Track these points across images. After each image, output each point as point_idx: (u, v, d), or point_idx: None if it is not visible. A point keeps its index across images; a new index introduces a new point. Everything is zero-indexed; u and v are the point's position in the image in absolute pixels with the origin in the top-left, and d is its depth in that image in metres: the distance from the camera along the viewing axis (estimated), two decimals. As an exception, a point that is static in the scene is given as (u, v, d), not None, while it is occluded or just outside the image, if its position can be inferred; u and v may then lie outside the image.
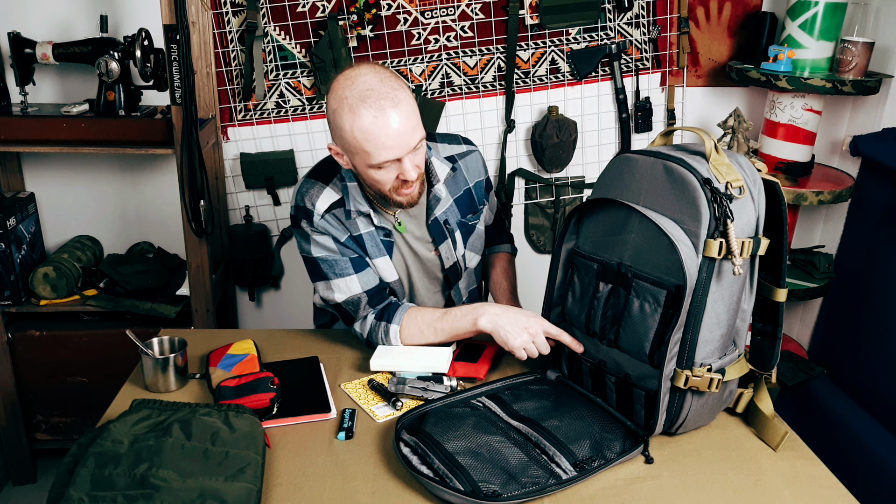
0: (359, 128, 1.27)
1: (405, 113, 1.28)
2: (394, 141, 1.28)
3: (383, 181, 1.35)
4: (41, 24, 2.12)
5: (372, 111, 1.26)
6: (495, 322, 1.36)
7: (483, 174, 1.62)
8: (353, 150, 1.32)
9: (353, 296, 1.45)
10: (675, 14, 2.22)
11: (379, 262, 1.48)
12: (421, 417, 1.20)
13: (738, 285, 1.12)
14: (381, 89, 1.27)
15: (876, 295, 2.00)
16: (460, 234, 1.56)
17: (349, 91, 1.28)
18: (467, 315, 1.40)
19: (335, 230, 1.44)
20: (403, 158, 1.31)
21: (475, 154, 1.60)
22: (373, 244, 1.47)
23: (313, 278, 1.49)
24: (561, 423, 1.18)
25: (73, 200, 2.31)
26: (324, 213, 1.43)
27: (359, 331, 1.47)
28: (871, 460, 1.86)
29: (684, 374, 1.11)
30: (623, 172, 1.20)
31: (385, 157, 1.29)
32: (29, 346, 2.12)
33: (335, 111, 1.30)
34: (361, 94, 1.26)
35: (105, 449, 1.05)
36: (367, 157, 1.30)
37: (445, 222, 1.52)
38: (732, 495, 1.08)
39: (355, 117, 1.27)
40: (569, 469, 1.09)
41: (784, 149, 2.14)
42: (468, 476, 1.05)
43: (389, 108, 1.26)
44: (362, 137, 1.28)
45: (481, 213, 1.62)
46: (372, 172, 1.33)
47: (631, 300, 1.15)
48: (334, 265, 1.44)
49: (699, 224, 1.07)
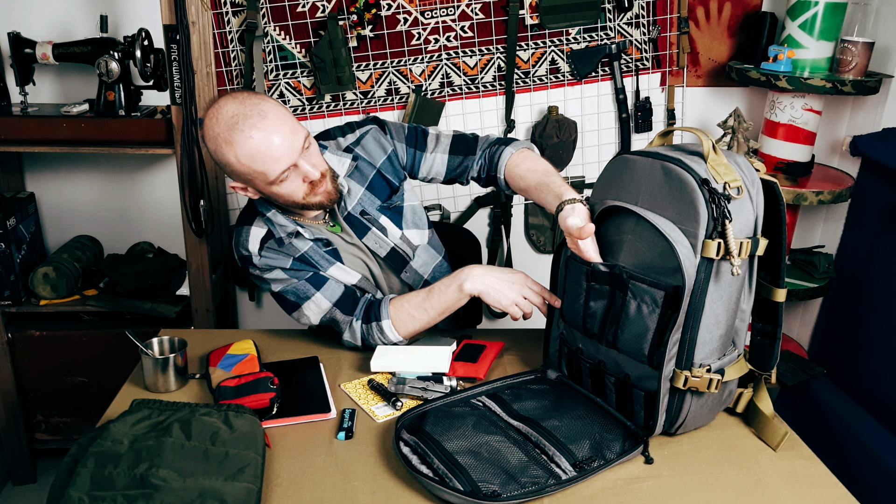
0: (243, 154, 1.28)
1: (277, 121, 1.29)
2: (278, 151, 1.28)
3: (293, 192, 1.35)
4: (41, 24, 2.12)
5: (244, 134, 1.27)
6: (482, 283, 1.35)
7: (386, 149, 1.53)
8: (249, 177, 1.32)
9: (326, 312, 1.44)
10: (675, 14, 2.22)
11: (333, 271, 1.47)
12: (421, 417, 1.20)
13: (737, 286, 1.12)
14: (244, 110, 1.28)
15: (876, 295, 2.00)
16: (387, 218, 1.52)
17: (217, 127, 1.29)
18: (451, 285, 1.38)
19: (277, 261, 1.44)
20: (298, 162, 1.32)
21: (370, 133, 1.52)
22: (319, 257, 1.47)
23: (288, 311, 1.49)
24: (561, 423, 1.18)
25: (73, 200, 2.31)
26: (259, 252, 1.44)
27: (350, 340, 1.46)
28: (871, 460, 1.86)
29: (683, 374, 1.11)
30: (622, 173, 1.20)
31: (280, 168, 1.30)
32: (29, 346, 2.12)
33: (215, 151, 1.32)
34: (228, 124, 1.28)
35: (105, 449, 1.05)
36: (265, 177, 1.31)
37: (362, 213, 1.49)
38: (732, 495, 1.08)
39: (235, 147, 1.28)
40: (568, 469, 1.09)
41: (784, 149, 2.14)
42: (468, 476, 1.05)
43: (260, 122, 1.27)
44: (250, 161, 1.29)
45: (403, 190, 1.55)
46: (277, 189, 1.34)
47: (628, 302, 1.15)
48: (296, 292, 1.44)
49: (697, 225, 1.07)
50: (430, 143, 1.56)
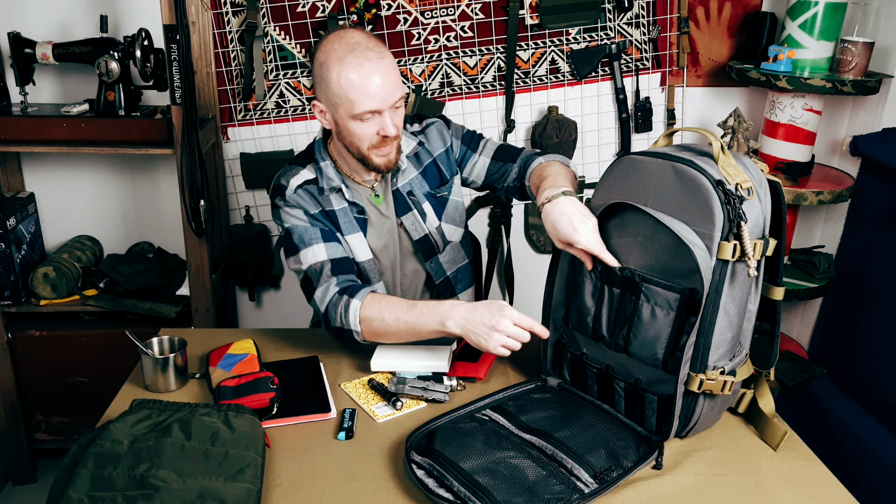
0: (345, 76, 1.33)
1: (389, 67, 1.35)
2: (377, 91, 1.34)
3: (363, 135, 1.39)
4: (41, 24, 2.12)
5: (358, 60, 1.33)
6: (464, 327, 1.27)
7: (446, 142, 1.60)
8: (337, 100, 1.36)
9: (318, 262, 1.43)
10: (675, 14, 2.22)
11: (352, 239, 1.50)
12: (429, 436, 1.15)
13: (748, 287, 1.11)
14: (369, 44, 1.35)
15: (876, 295, 2.00)
16: (430, 205, 1.56)
17: (338, 44, 1.35)
18: (434, 314, 1.30)
19: (306, 203, 1.48)
20: (384, 113, 1.37)
21: (435, 125, 1.60)
22: (346, 220, 1.50)
23: (286, 254, 1.49)
24: (572, 433, 1.14)
25: (73, 200, 2.31)
26: (296, 189, 1.48)
27: (318, 298, 1.40)
28: (871, 460, 1.86)
29: (698, 377, 1.10)
30: (628, 174, 1.18)
31: (368, 107, 1.34)
32: (29, 346, 2.12)
33: (322, 63, 1.36)
34: (350, 46, 1.34)
35: (105, 449, 1.05)
36: (351, 107, 1.35)
37: (409, 193, 1.54)
38: (733, 496, 1.08)
39: (342, 66, 1.33)
40: (589, 482, 1.05)
41: (784, 149, 2.14)
42: (491, 497, 1.00)
43: (376, 59, 1.34)
44: (348, 85, 1.33)
45: (452, 184, 1.60)
46: (353, 125, 1.38)
47: (641, 305, 1.14)
48: (303, 233, 1.46)
49: (713, 226, 1.06)
50: (480, 146, 1.63)
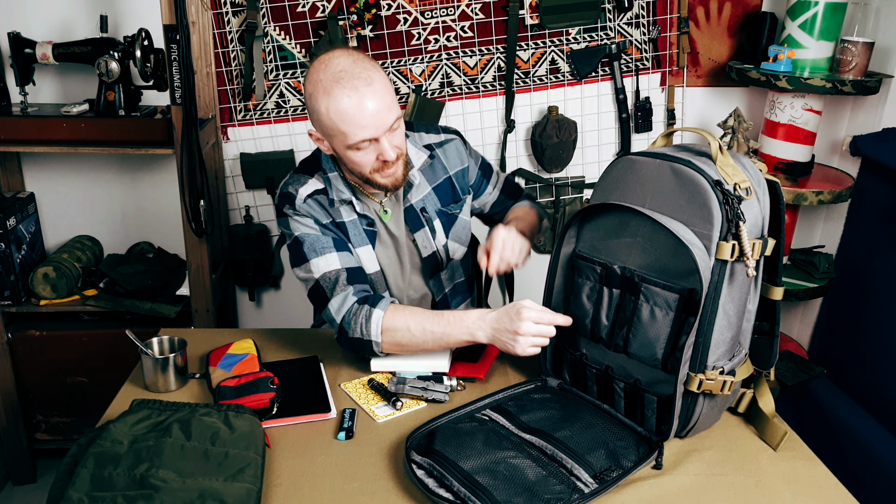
0: (334, 109, 1.29)
1: (379, 92, 1.29)
2: (369, 120, 1.29)
3: (363, 163, 1.36)
4: (41, 24, 2.12)
5: (346, 91, 1.28)
6: (492, 336, 1.29)
7: (464, 162, 1.59)
8: (330, 132, 1.33)
9: (332, 271, 1.40)
10: (675, 14, 2.22)
11: (361, 252, 1.49)
12: (429, 436, 1.15)
13: (747, 287, 1.11)
14: (354, 70, 1.29)
15: (876, 295, 2.00)
16: (440, 223, 1.55)
17: (323, 74, 1.30)
18: (462, 325, 1.30)
19: (317, 213, 1.45)
20: (381, 138, 1.32)
21: (454, 142, 1.58)
22: (356, 232, 1.48)
23: (294, 263, 1.46)
24: (572, 433, 1.14)
25: (73, 200, 2.31)
26: (306, 198, 1.45)
27: (334, 308, 1.37)
28: (871, 460, 1.86)
29: (698, 377, 1.10)
30: (626, 174, 1.18)
31: (362, 137, 1.30)
32: (29, 346, 2.12)
33: (311, 95, 1.32)
34: (335, 76, 1.28)
35: (105, 449, 1.05)
36: (345, 139, 1.32)
37: (422, 210, 1.52)
38: (733, 496, 1.08)
39: (330, 99, 1.28)
40: (589, 482, 1.05)
41: (784, 149, 2.14)
42: (491, 497, 1.00)
43: (363, 87, 1.28)
44: (338, 118, 1.29)
45: (464, 202, 1.60)
46: (351, 154, 1.35)
47: (640, 305, 1.14)
48: (315, 242, 1.43)
49: (711, 226, 1.06)
50: (493, 178, 1.66)
